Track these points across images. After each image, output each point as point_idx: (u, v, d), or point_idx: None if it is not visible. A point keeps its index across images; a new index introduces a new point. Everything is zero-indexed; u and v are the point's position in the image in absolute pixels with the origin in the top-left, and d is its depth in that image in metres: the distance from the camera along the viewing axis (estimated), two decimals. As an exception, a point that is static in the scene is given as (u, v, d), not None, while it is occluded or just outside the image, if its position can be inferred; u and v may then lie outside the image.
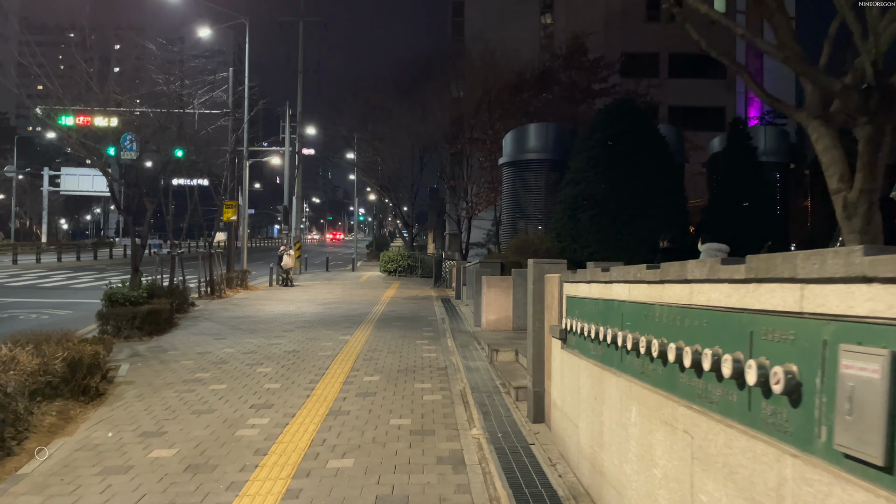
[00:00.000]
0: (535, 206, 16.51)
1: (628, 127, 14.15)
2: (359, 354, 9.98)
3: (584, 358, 4.54)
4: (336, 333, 12.30)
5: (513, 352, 8.95)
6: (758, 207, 14.19)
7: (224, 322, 14.14)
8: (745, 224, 14.11)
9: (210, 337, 11.90)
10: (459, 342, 11.23)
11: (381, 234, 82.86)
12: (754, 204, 14.16)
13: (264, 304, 18.10)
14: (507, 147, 17.37)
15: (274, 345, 10.90)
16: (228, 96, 22.37)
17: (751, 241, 14.04)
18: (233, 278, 22.72)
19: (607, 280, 4.08)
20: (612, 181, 13.82)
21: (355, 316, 15.32)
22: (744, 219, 14.15)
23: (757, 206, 14.18)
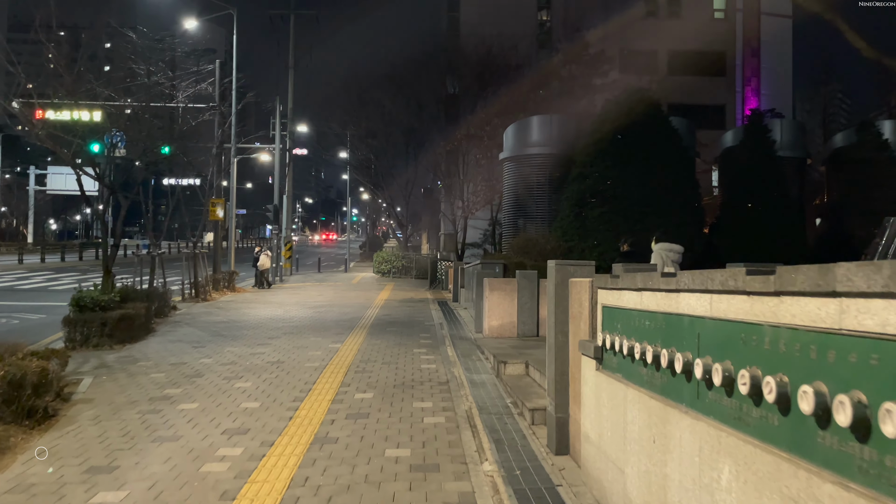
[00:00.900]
0: (539, 204, 15.57)
1: (640, 119, 13.22)
2: (350, 366, 9.00)
3: (633, 386, 3.59)
4: (325, 341, 11.31)
5: (522, 364, 7.98)
6: (778, 205, 13.28)
7: (205, 328, 13.14)
8: (765, 224, 13.19)
9: (188, 345, 10.90)
10: (461, 351, 10.26)
11: (375, 234, 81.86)
12: (776, 202, 13.25)
13: (250, 308, 17.09)
14: (507, 141, 16.42)
15: (257, 354, 9.90)
16: (215, 89, 21.33)
17: (772, 242, 13.16)
18: (219, 280, 21.70)
19: (672, 289, 3.12)
20: (622, 176, 12.89)
21: (347, 321, 14.33)
22: (763, 218, 13.24)
23: (777, 205, 13.27)
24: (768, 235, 13.17)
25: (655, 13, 46.84)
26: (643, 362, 3.42)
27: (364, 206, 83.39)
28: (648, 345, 3.35)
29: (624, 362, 3.77)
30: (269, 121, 33.74)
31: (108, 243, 12.95)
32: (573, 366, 5.00)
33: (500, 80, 28.35)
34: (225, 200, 22.87)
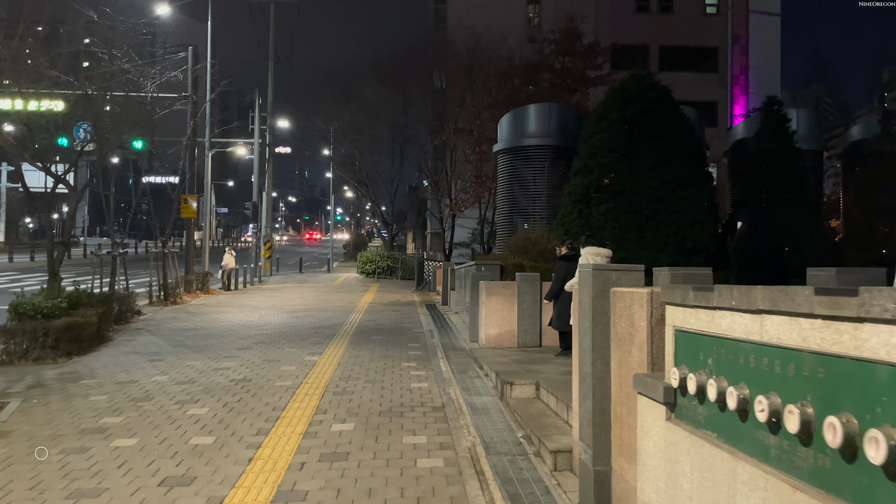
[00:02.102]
0: (537, 199, 14.33)
1: (648, 106, 12.03)
2: (328, 385, 7.71)
3: (754, 462, 2.34)
4: (302, 352, 10.00)
5: (531, 385, 6.73)
6: (799, 202, 12.14)
7: (169, 336, 11.78)
8: (784, 222, 12.05)
9: (144, 358, 9.55)
10: (456, 365, 8.99)
11: (359, 233, 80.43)
12: (796, 198, 12.10)
13: (222, 313, 15.72)
14: (502, 132, 15.17)
15: (221, 370, 8.58)
16: (188, 76, 19.90)
17: (793, 241, 12.02)
18: (191, 282, 20.30)
19: (845, 316, 1.86)
20: (630, 169, 11.69)
21: (327, 327, 13.02)
22: (782, 215, 12.09)
23: (798, 201, 12.13)
24: (788, 235, 12.03)
25: (647, 8, 45.91)
26: (775, 428, 2.18)
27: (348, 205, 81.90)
28: (787, 401, 2.11)
29: (726, 419, 2.52)
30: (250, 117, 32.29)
31: (53, 241, 11.52)
32: (619, 404, 3.76)
33: (490, 72, 27.10)
34: (198, 196, 21.43)
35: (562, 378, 6.86)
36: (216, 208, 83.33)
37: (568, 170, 14.29)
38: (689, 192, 11.70)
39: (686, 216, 11.56)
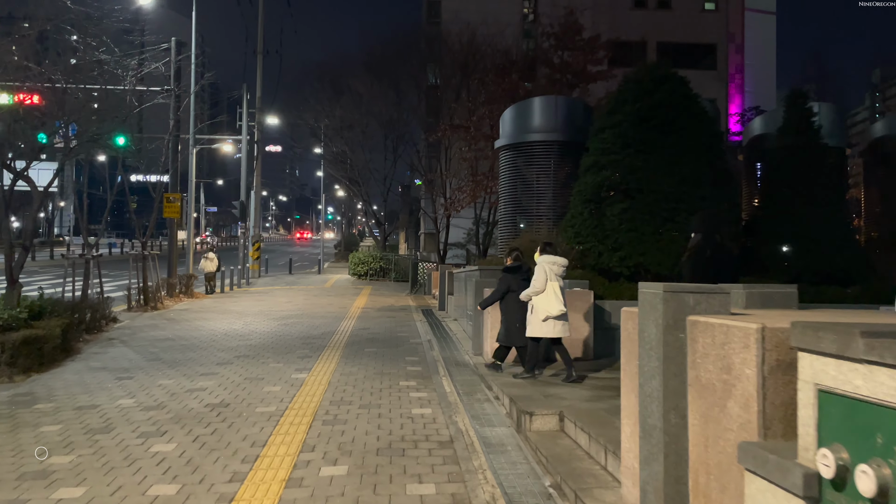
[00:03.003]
0: (542, 199, 13.38)
1: (666, 98, 11.10)
2: (316, 411, 6.73)
3: None
4: (288, 368, 9.02)
5: (554, 416, 5.78)
6: (828, 202, 11.25)
7: (143, 348, 10.77)
8: (811, 224, 11.15)
9: (112, 375, 8.55)
10: (460, 384, 8.03)
11: (351, 232, 79.37)
12: (824, 198, 11.20)
13: (205, 319, 14.71)
14: (504, 126, 14.21)
15: (196, 391, 7.58)
16: (170, 66, 18.85)
17: (821, 245, 11.13)
18: (174, 285, 19.26)
19: None
20: (647, 166, 10.76)
21: (317, 337, 12.04)
22: (808, 217, 11.19)
23: (826, 201, 11.23)
24: (815, 238, 11.14)
25: (644, 4, 45.17)
26: None
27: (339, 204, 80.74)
28: None
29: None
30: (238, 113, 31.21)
31: (10, 247, 10.48)
32: (705, 475, 2.81)
33: (487, 66, 26.16)
34: (182, 195, 20.38)
35: (588, 407, 5.92)
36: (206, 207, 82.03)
37: (576, 167, 13.36)
38: (710, 191, 10.78)
39: (707, 217, 10.61)
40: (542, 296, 7.40)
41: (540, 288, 7.40)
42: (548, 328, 7.40)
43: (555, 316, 7.33)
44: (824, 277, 10.86)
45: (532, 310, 7.54)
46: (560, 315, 7.37)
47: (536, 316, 7.44)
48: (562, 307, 7.33)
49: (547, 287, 7.38)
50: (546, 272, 7.40)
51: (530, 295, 7.49)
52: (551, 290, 7.37)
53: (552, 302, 7.33)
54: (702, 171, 10.79)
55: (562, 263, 7.50)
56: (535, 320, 7.47)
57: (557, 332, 7.45)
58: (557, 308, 7.30)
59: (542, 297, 7.40)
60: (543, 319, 7.36)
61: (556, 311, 7.31)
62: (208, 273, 22.31)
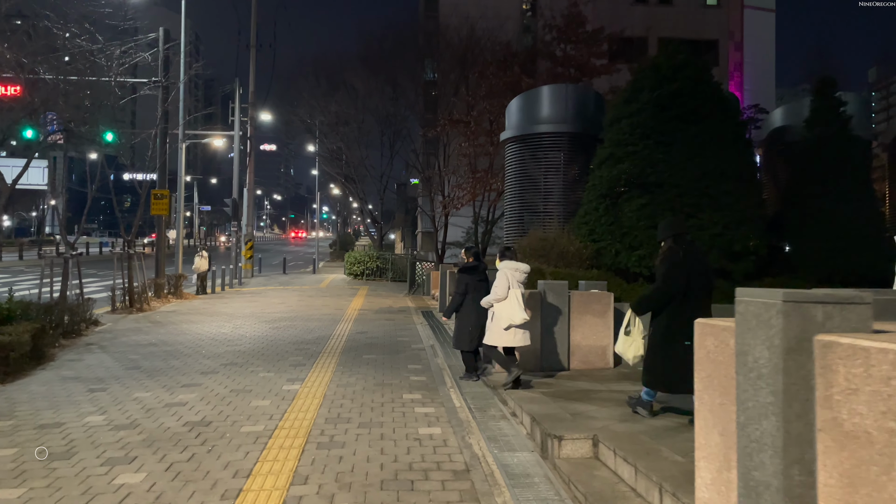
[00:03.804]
0: (551, 194, 12.59)
1: (687, 85, 10.33)
2: (310, 430, 5.92)
3: None
4: (279, 378, 8.20)
5: (587, 441, 4.97)
6: (861, 197, 10.48)
7: (123, 354, 9.94)
8: (842, 221, 10.39)
9: (83, 387, 7.72)
10: (471, 397, 7.22)
11: (346, 231, 78.48)
12: (855, 193, 10.43)
13: (193, 322, 13.87)
14: (511, 117, 13.40)
15: (175, 407, 6.76)
16: (158, 55, 18.00)
17: (853, 244, 10.36)
18: (162, 285, 18.42)
19: None
20: (668, 158, 9.98)
21: (311, 342, 11.22)
22: (838, 213, 10.43)
23: (858, 196, 10.47)
24: (846, 236, 10.37)
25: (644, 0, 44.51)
26: None
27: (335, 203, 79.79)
28: None
29: None
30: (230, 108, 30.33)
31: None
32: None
33: (488, 59, 25.35)
34: (171, 192, 19.52)
35: (625, 430, 5.12)
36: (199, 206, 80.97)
37: (587, 160, 12.58)
38: (735, 186, 10.02)
39: (733, 213, 9.88)
40: (504, 303, 7.10)
41: (502, 295, 7.10)
42: (509, 337, 7.12)
43: (518, 325, 7.04)
44: (857, 278, 10.09)
45: (493, 317, 7.25)
46: (523, 323, 7.08)
47: (498, 324, 7.15)
48: (525, 315, 7.02)
49: (509, 294, 7.08)
50: (508, 279, 7.11)
51: (491, 302, 7.19)
52: (513, 298, 7.06)
53: (515, 310, 7.02)
54: (727, 163, 10.03)
55: (524, 270, 7.24)
56: (496, 328, 7.18)
57: (518, 341, 7.16)
58: (521, 316, 7.01)
59: (505, 304, 7.09)
60: (506, 328, 7.08)
61: (519, 320, 7.02)
62: (202, 272, 21.50)
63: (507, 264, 7.25)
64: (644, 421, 5.48)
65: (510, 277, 7.13)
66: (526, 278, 7.32)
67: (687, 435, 4.97)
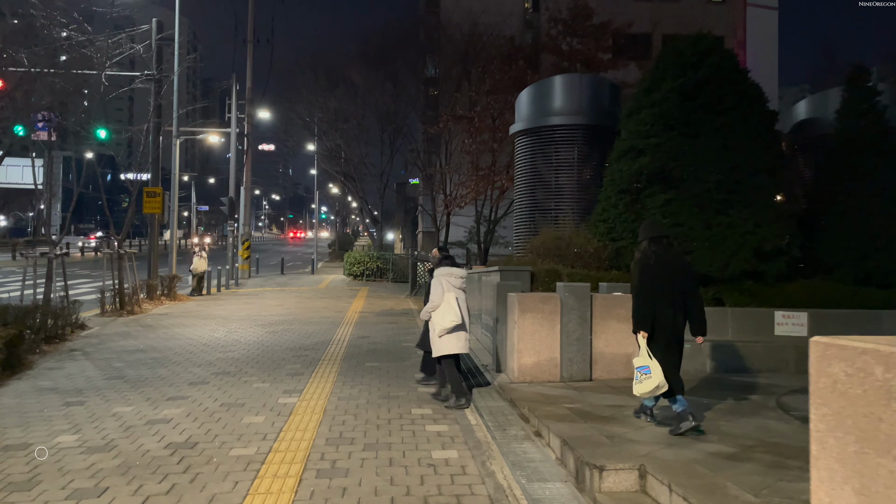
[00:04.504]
0: (565, 189, 11.87)
1: (713, 72, 9.62)
2: (309, 454, 5.21)
3: None
4: (275, 389, 7.49)
5: (633, 471, 4.26)
6: (893, 192, 9.75)
7: (107, 362, 9.22)
8: (882, 218, 9.68)
9: (60, 400, 7.00)
10: (488, 414, 6.50)
11: (345, 231, 77.74)
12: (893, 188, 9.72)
13: (185, 325, 13.15)
14: (521, 109, 12.69)
15: (158, 424, 6.04)
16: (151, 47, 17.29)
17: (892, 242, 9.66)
18: (155, 287, 17.69)
19: None
20: (693, 151, 9.28)
21: (310, 348, 10.50)
22: (878, 211, 9.71)
23: (893, 191, 9.75)
24: (885, 234, 9.66)
25: (650, -5, 43.84)
26: None
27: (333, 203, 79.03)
28: None
29: None
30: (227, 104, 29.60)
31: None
32: None
33: (492, 54, 24.66)
34: (164, 190, 18.78)
35: (674, 457, 4.42)
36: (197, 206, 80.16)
37: (602, 154, 11.88)
38: (766, 180, 9.31)
39: (764, 210, 9.18)
40: (437, 310, 6.89)
41: (438, 302, 6.87)
42: (448, 344, 6.82)
43: (449, 328, 6.76)
44: None
45: (432, 328, 7.02)
46: (455, 326, 6.78)
47: (434, 333, 6.92)
48: (455, 318, 6.75)
49: (444, 300, 6.86)
50: (443, 286, 6.93)
51: (429, 311, 6.97)
52: (447, 303, 6.84)
53: (445, 314, 6.79)
54: (757, 156, 9.32)
55: (459, 275, 7.07)
56: (434, 338, 6.93)
57: (461, 346, 6.87)
58: (450, 319, 6.75)
59: (437, 310, 6.88)
60: (439, 336, 6.82)
61: (448, 323, 6.75)
62: (199, 273, 20.79)
63: (441, 271, 7.06)
64: (692, 445, 4.78)
65: (445, 284, 6.92)
66: (463, 283, 7.11)
67: (748, 466, 4.27)
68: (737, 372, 8.31)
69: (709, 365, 8.39)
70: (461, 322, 6.82)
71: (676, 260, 5.44)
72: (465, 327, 6.92)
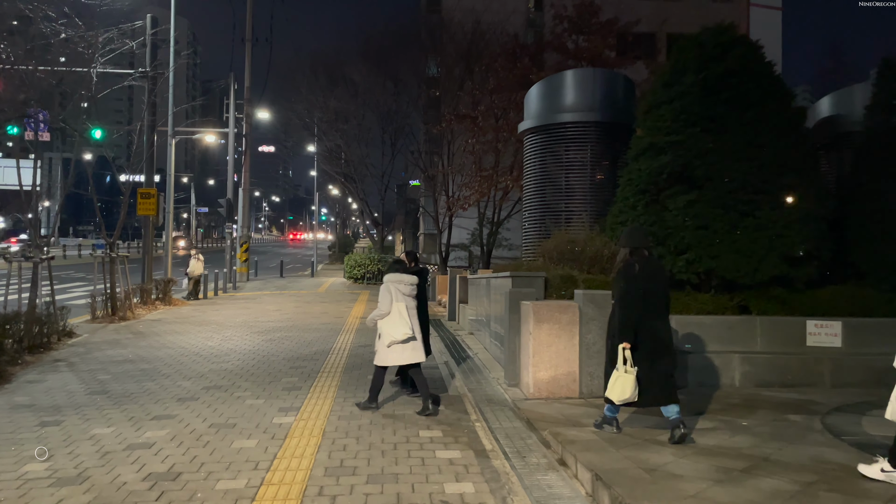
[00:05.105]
0: (577, 190, 11.27)
1: (738, 65, 9.02)
2: (305, 489, 4.60)
3: None
4: (270, 407, 6.89)
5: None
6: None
7: (92, 374, 8.63)
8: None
9: (35, 418, 6.41)
10: (503, 436, 5.90)
11: (345, 233, 77.18)
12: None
13: (178, 332, 12.55)
14: (530, 106, 12.09)
15: (139, 450, 5.44)
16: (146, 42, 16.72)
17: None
18: (149, 291, 17.11)
19: None
20: (719, 148, 8.68)
21: (309, 358, 9.90)
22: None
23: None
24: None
25: (653, -6, 43.30)
26: None
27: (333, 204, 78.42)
28: None
29: None
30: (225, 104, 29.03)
31: None
32: None
33: (497, 52, 24.08)
34: (159, 192, 18.19)
35: (732, 497, 3.82)
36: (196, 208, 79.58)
37: (616, 152, 11.29)
38: (795, 180, 8.71)
39: (794, 211, 8.59)
40: (387, 319, 6.74)
41: (385, 310, 6.73)
42: (396, 355, 6.69)
43: (400, 340, 6.62)
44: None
45: (379, 335, 6.86)
46: (406, 339, 6.65)
47: (382, 342, 6.76)
48: (407, 330, 6.64)
49: (392, 308, 6.72)
50: (391, 293, 6.78)
51: (375, 319, 6.83)
52: (396, 312, 6.71)
53: (397, 325, 6.65)
54: (786, 154, 8.73)
55: (408, 282, 6.89)
56: (381, 346, 6.78)
57: (407, 358, 6.73)
58: (402, 332, 6.62)
59: (387, 320, 6.73)
60: (388, 345, 6.67)
61: (400, 336, 6.62)
62: (196, 276, 20.21)
63: (390, 277, 6.90)
64: (744, 482, 4.19)
65: (394, 291, 6.77)
66: (413, 289, 6.93)
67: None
68: (768, 386, 7.72)
69: (738, 379, 7.80)
70: (413, 334, 6.68)
71: (658, 269, 5.52)
72: (416, 337, 6.75)
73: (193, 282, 20.23)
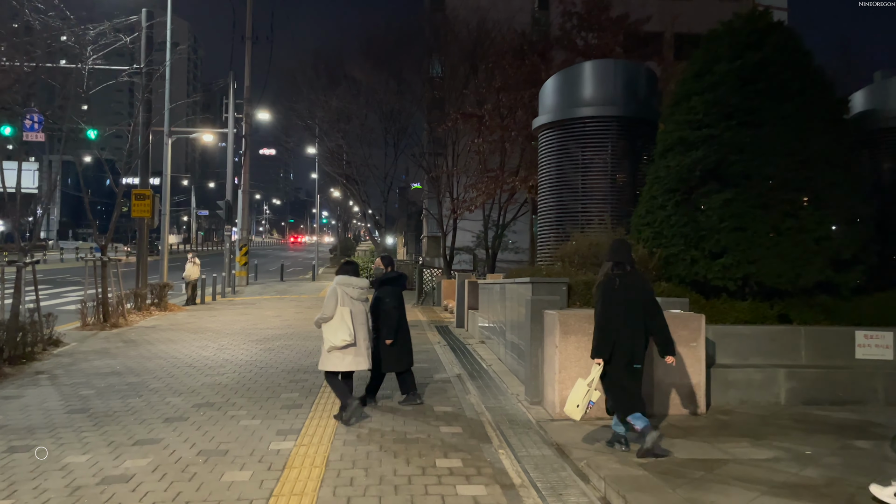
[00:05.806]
0: (596, 189, 10.54)
1: (776, 54, 8.32)
2: (308, 536, 3.88)
3: None
4: (267, 429, 6.17)
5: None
6: None
7: (74, 388, 7.92)
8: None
9: (4, 443, 5.70)
10: (531, 465, 5.17)
11: (346, 236, 76.48)
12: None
13: (172, 341, 11.83)
14: (546, 100, 11.37)
15: (114, 484, 4.72)
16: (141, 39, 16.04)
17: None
18: (144, 296, 16.40)
19: None
20: (757, 143, 7.97)
21: (310, 370, 9.18)
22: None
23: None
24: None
25: (660, -7, 42.62)
26: None
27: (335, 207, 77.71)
28: None
29: None
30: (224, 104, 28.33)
31: None
32: None
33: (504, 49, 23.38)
34: (154, 193, 17.49)
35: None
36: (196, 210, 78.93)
37: (639, 149, 10.59)
38: (841, 177, 8.00)
39: (840, 212, 7.87)
40: (329, 323, 6.49)
41: (328, 314, 6.48)
42: (336, 360, 6.48)
43: (339, 346, 6.40)
44: None
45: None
46: (345, 345, 6.40)
47: (324, 346, 6.57)
48: (346, 337, 6.38)
49: (336, 313, 6.46)
50: (338, 296, 6.52)
51: (318, 322, 6.60)
52: (339, 317, 6.46)
53: (337, 330, 6.42)
54: (832, 149, 8.01)
55: (358, 285, 6.65)
56: (322, 351, 6.60)
57: (347, 364, 6.48)
58: (341, 338, 6.39)
59: (330, 324, 6.49)
60: (328, 350, 6.48)
61: (339, 342, 6.39)
62: (193, 280, 19.54)
63: (339, 279, 6.66)
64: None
65: (340, 294, 6.51)
66: (363, 293, 6.69)
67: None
68: (817, 404, 6.99)
69: (783, 396, 7.08)
70: (353, 342, 6.43)
71: (640, 284, 5.43)
72: (357, 344, 6.49)
73: (191, 286, 19.56)
